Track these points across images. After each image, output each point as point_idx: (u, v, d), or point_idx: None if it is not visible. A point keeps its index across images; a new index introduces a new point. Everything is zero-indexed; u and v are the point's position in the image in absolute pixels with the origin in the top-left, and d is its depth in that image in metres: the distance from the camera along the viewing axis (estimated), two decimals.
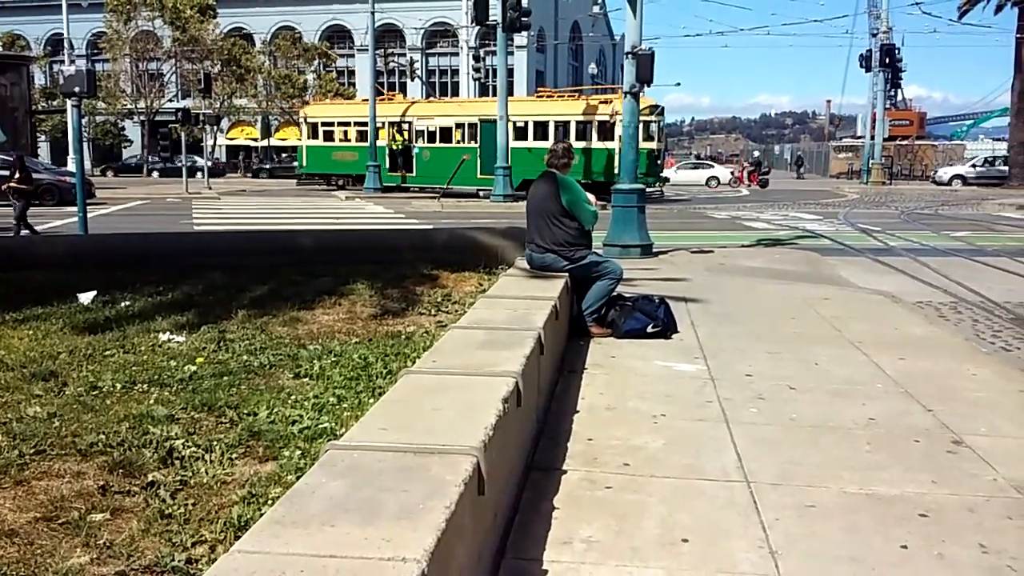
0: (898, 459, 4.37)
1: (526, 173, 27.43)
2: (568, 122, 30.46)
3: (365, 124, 34.76)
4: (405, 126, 34.52)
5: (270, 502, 3.26)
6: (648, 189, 30.26)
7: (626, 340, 7.05)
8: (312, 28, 65.62)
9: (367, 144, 34.49)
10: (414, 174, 34.26)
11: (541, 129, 30.64)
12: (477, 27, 37.67)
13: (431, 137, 34.10)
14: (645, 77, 13.30)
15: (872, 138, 48.26)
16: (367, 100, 35.64)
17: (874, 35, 48.47)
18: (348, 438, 3.03)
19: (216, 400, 4.76)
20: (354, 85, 63.09)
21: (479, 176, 31.87)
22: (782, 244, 16.55)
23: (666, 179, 33.26)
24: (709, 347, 6.89)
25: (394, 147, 34.42)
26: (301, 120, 38.86)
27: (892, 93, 61.05)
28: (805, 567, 3.22)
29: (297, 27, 64.72)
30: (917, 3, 40.14)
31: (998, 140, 61.32)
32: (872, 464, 4.30)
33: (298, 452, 3.97)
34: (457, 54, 60.94)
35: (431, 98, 37.92)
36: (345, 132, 36.55)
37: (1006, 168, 45.34)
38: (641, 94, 27.27)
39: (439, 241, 11.07)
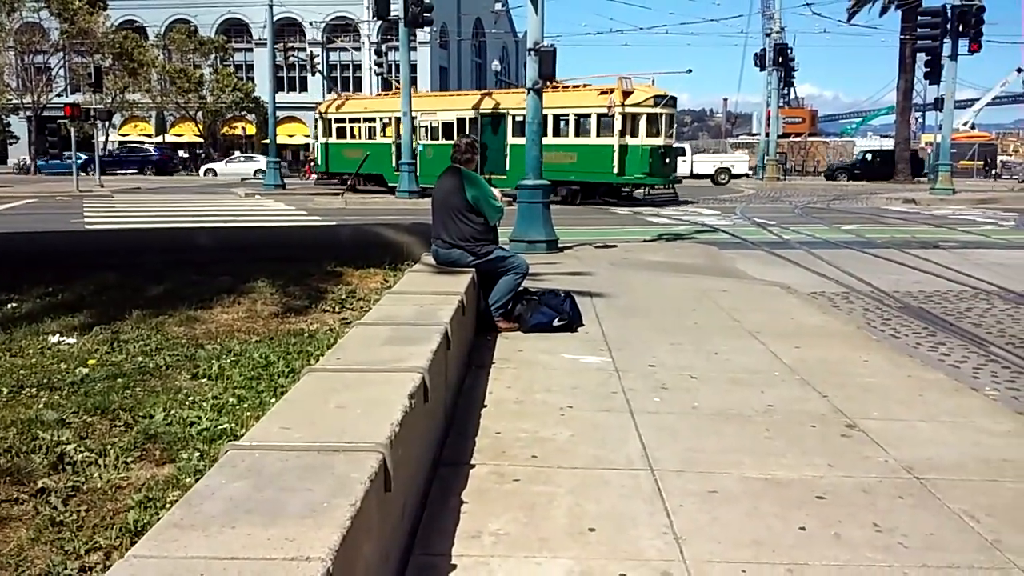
0: (796, 444, 4.51)
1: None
2: (566, 116, 27.50)
3: (373, 120, 32.73)
4: (421, 122, 31.11)
5: (168, 506, 3.16)
6: (655, 191, 28.80)
7: (533, 334, 7.08)
8: (208, 21, 63.92)
9: (375, 141, 32.21)
10: (417, 174, 31.06)
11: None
12: (379, 22, 37.28)
13: (434, 133, 31.08)
14: (548, 73, 13.39)
15: (767, 135, 49.81)
16: (384, 95, 33.73)
17: (768, 35, 50.02)
18: (249, 438, 2.95)
19: (110, 403, 4.59)
20: (252, 80, 61.74)
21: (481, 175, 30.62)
22: (682, 239, 16.89)
23: (678, 179, 29.74)
24: (614, 339, 6.98)
25: (398, 144, 30.95)
26: (317, 117, 36.40)
27: (785, 91, 63.12)
28: (708, 551, 3.28)
29: (192, 20, 62.94)
30: (808, 4, 41.77)
31: (886, 137, 63.99)
32: (771, 449, 4.43)
33: (197, 454, 3.86)
34: (359, 49, 60.17)
35: (444, 91, 35.65)
36: (355, 129, 33.72)
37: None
38: (635, 84, 24.93)
39: (343, 238, 10.93)
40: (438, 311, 5.22)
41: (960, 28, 28.92)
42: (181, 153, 62.55)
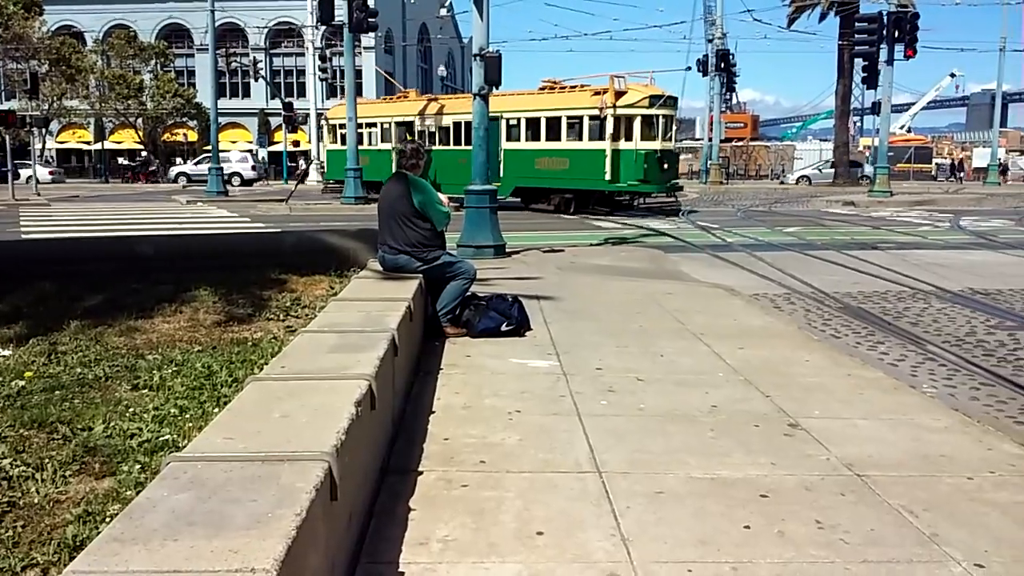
0: (740, 443, 4.57)
1: (521, 179, 26.07)
2: (558, 119, 25.45)
3: (375, 125, 31.35)
4: (415, 127, 29.89)
5: (108, 520, 3.09)
6: (653, 199, 25.46)
7: (481, 339, 7.09)
8: (148, 27, 62.88)
9: (375, 147, 30.71)
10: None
11: (532, 128, 26.23)
12: (323, 27, 37.00)
13: (433, 138, 29.44)
14: (493, 79, 13.41)
15: (710, 140, 50.48)
16: (389, 98, 32.09)
17: (710, 41, 50.69)
18: (191, 449, 2.91)
19: (47, 416, 4.48)
20: (194, 85, 60.90)
21: None
22: (628, 243, 17.04)
23: (679, 187, 26.72)
24: (561, 343, 7.01)
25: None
26: (323, 123, 35.18)
27: (728, 96, 64.10)
28: (655, 552, 3.31)
29: (132, 26, 61.85)
30: (749, 10, 42.48)
31: (825, 141, 65.30)
32: (716, 449, 4.48)
33: (138, 466, 3.78)
34: (303, 54, 59.59)
35: (443, 95, 32.26)
36: (360, 135, 31.31)
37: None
38: (629, 83, 23.59)
39: (288, 244, 10.81)
40: (385, 317, 5.19)
41: (896, 34, 29.65)
42: (121, 160, 61.38)
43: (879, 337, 8.20)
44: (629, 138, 24.02)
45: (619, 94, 24.02)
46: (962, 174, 56.20)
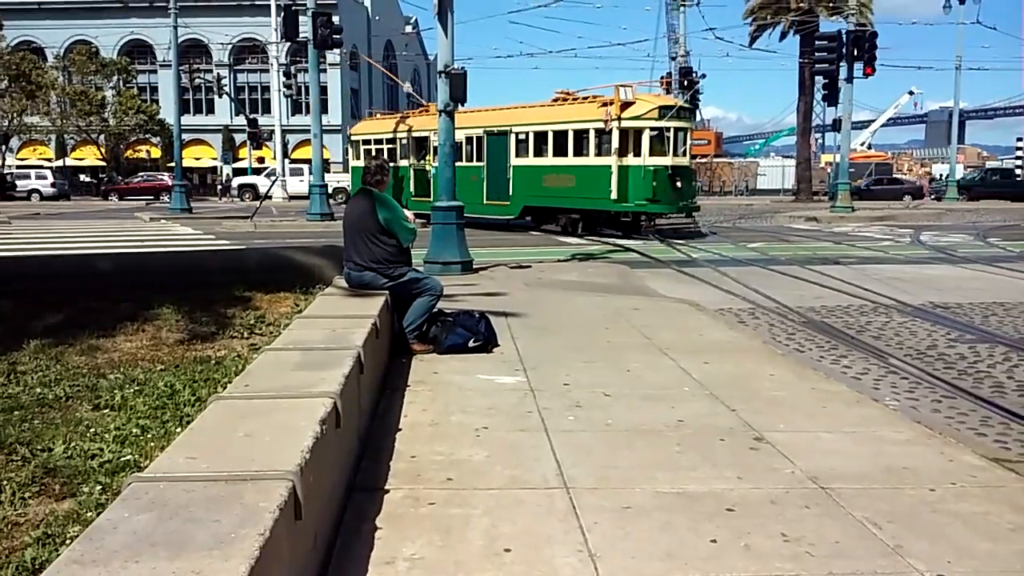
0: (706, 458, 4.59)
1: (530, 197, 24.08)
2: (565, 133, 23.09)
3: (393, 141, 29.14)
4: (431, 142, 26.81)
5: (68, 542, 3.04)
6: (666, 221, 22.56)
7: (448, 355, 7.07)
8: (110, 43, 62.41)
9: (399, 163, 28.44)
10: (431, 199, 28.23)
11: (540, 143, 23.95)
12: (287, 44, 36.88)
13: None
14: (458, 95, 13.44)
15: None
16: (409, 113, 29.89)
17: (673, 58, 51.30)
18: (153, 469, 2.87)
19: (6, 436, 4.40)
20: (157, 102, 60.36)
21: (485, 202, 25.28)
22: (595, 258, 17.10)
23: (696, 207, 23.81)
24: (529, 359, 7.01)
25: (420, 167, 27.85)
26: (348, 140, 33.47)
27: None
28: (623, 567, 3.31)
29: (94, 41, 61.34)
30: (711, 29, 42.94)
31: (787, 157, 66.13)
32: (683, 464, 4.50)
33: (99, 487, 3.72)
34: (267, 71, 59.37)
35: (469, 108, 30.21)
36: (381, 151, 29.94)
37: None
38: (637, 93, 21.60)
39: (252, 261, 10.73)
40: (350, 335, 5.16)
41: (855, 52, 30.11)
42: (83, 177, 60.67)
43: (842, 351, 8.29)
44: (637, 153, 21.62)
45: (625, 105, 21.76)
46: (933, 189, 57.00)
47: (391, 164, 27.74)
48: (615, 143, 21.61)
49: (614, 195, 21.77)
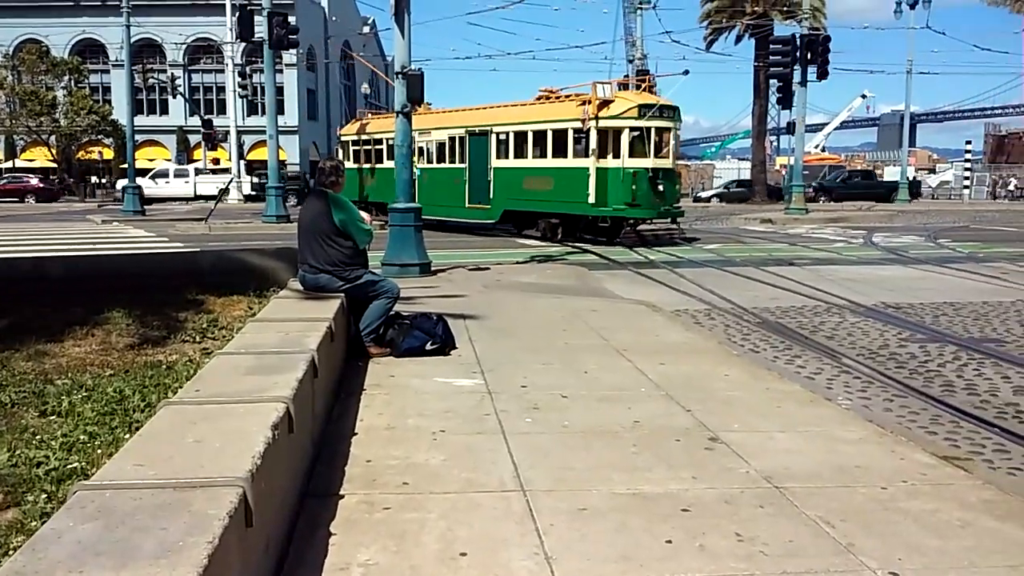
0: (662, 458, 4.61)
1: (510, 201, 22.78)
2: (544, 133, 21.76)
3: (381, 142, 27.52)
4: (416, 143, 25.67)
5: (11, 552, 2.96)
6: (648, 226, 21.99)
7: (405, 358, 7.03)
8: (61, 42, 61.26)
9: (382, 166, 27.22)
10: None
11: (520, 144, 22.58)
12: (243, 44, 36.48)
13: (429, 156, 26.07)
14: (416, 96, 13.40)
15: None
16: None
17: (631, 61, 51.46)
18: (100, 477, 2.81)
19: None
20: (110, 102, 59.37)
21: (467, 205, 24.16)
22: (553, 260, 17.13)
23: (680, 211, 22.15)
24: (487, 361, 6.99)
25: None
26: (338, 141, 32.21)
27: None
28: (578, 569, 3.31)
29: (44, 40, 60.16)
30: (668, 32, 43.28)
31: (743, 160, 66.84)
32: (639, 464, 4.51)
33: (44, 496, 3.64)
34: (223, 71, 58.71)
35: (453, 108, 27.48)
36: (368, 153, 28.99)
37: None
38: (616, 91, 20.21)
39: (205, 264, 10.58)
40: (304, 338, 5.11)
41: (809, 56, 30.53)
42: (33, 180, 59.44)
43: (796, 351, 8.39)
44: (617, 155, 20.37)
45: (604, 104, 20.62)
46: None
47: (379, 166, 27.70)
48: (592, 144, 20.50)
49: (592, 199, 20.61)
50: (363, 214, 7.42)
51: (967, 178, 56.89)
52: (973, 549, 3.55)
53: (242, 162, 49.99)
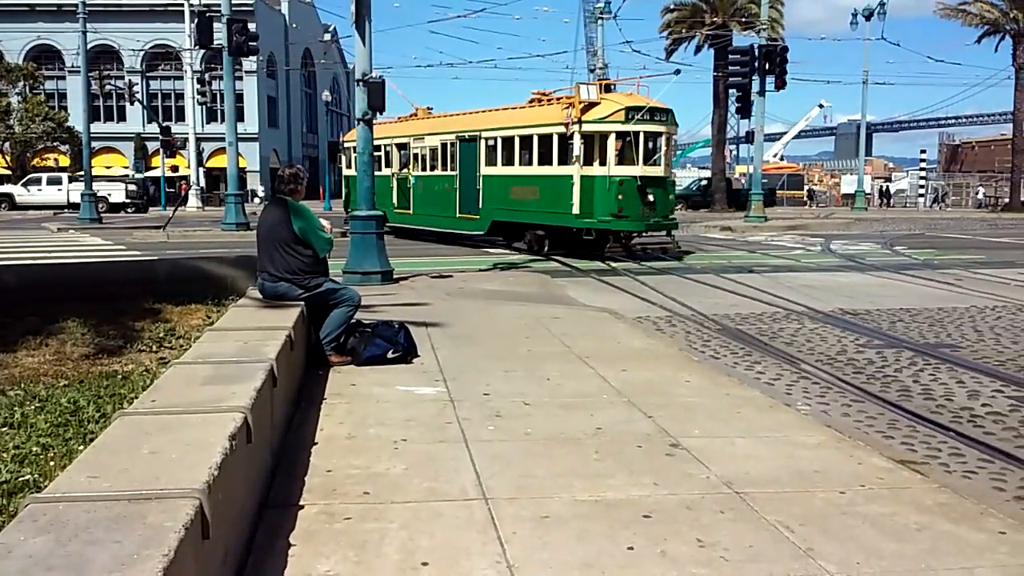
0: (623, 465, 4.62)
1: (498, 211, 21.08)
2: (530, 138, 20.24)
3: (378, 148, 24.96)
4: (411, 148, 24.72)
5: None
6: (640, 240, 19.67)
7: (367, 367, 6.98)
8: (16, 47, 60.27)
9: (376, 173, 26.48)
10: (411, 212, 24.72)
11: (508, 150, 20.97)
12: (202, 51, 36.08)
13: (423, 163, 24.22)
14: (377, 104, 13.35)
15: None
16: (403, 117, 26.31)
17: (592, 71, 51.73)
18: (52, 489, 2.75)
19: None
20: (66, 108, 58.46)
21: (458, 215, 22.54)
22: (516, 267, 17.14)
23: (674, 223, 20.23)
24: (449, 369, 6.97)
25: (401, 176, 25.07)
26: (340, 146, 30.17)
27: None
28: None
29: None
30: (628, 42, 43.47)
31: (703, 168, 67.47)
32: (600, 471, 4.52)
33: None
34: (181, 77, 58.09)
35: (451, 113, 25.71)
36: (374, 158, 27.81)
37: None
38: (602, 93, 18.93)
39: (162, 272, 10.42)
40: (263, 347, 5.05)
41: (767, 66, 30.90)
42: None
43: (756, 357, 8.46)
44: (603, 162, 18.70)
45: (589, 106, 18.90)
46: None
47: (376, 174, 25.68)
48: (576, 150, 18.85)
49: (576, 209, 18.90)
50: (324, 222, 7.37)
51: (922, 186, 57.95)
52: (930, 552, 3.60)
53: (201, 169, 49.38)
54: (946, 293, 13.33)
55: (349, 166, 27.60)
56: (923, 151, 69.45)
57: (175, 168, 54.61)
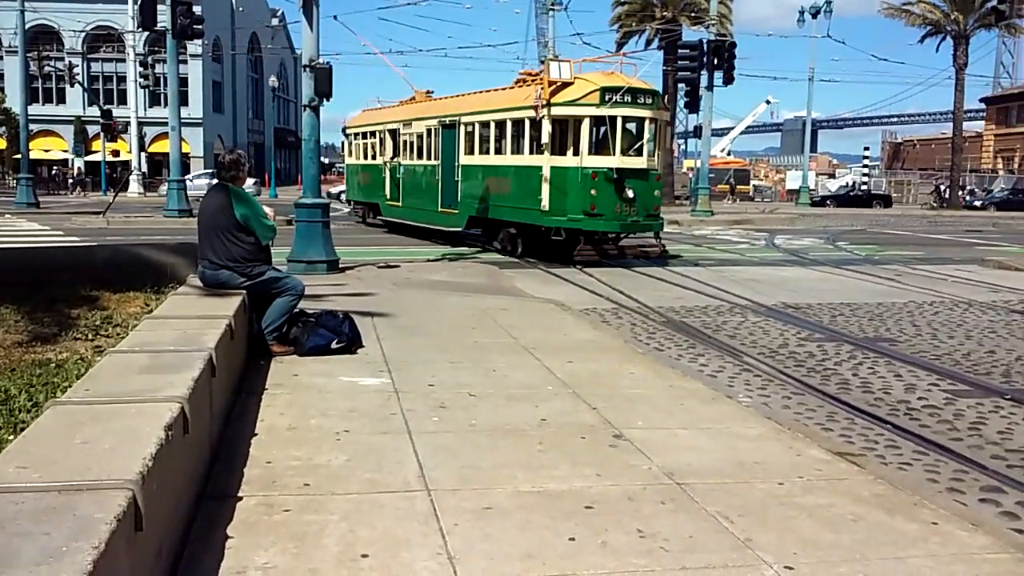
0: (567, 456, 4.63)
1: (475, 206, 18.78)
2: (504, 123, 17.76)
3: (374, 135, 24.34)
4: (400, 135, 22.61)
5: None
6: (622, 242, 17.28)
7: (310, 357, 6.90)
8: None
9: (371, 162, 24.68)
10: (400, 204, 22.76)
11: (484, 136, 18.67)
12: (145, 33, 35.27)
13: (410, 150, 22.13)
14: (324, 90, 13.19)
15: None
16: (405, 101, 24.05)
17: (542, 62, 51.75)
18: None
19: None
20: (3, 90, 56.74)
21: (440, 209, 20.19)
22: (465, 258, 17.10)
23: (659, 223, 17.47)
24: (394, 360, 6.92)
25: (393, 165, 23.15)
26: (343, 132, 28.48)
27: None
28: (481, 569, 3.29)
29: None
30: (579, 34, 43.47)
31: None
32: (544, 462, 4.52)
33: None
34: (124, 60, 56.80)
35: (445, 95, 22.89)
36: (364, 147, 25.51)
37: None
38: (575, 72, 16.40)
39: (100, 259, 10.18)
40: (202, 336, 4.95)
41: (715, 62, 31.21)
42: None
43: (700, 349, 8.55)
44: (575, 150, 16.14)
45: (560, 87, 16.31)
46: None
47: (372, 162, 24.50)
48: (544, 137, 16.27)
49: (545, 205, 16.43)
50: (267, 209, 7.25)
51: (864, 183, 59.07)
52: (864, 542, 3.67)
53: (143, 154, 48.37)
54: (886, 288, 13.61)
55: (351, 154, 26.93)
56: (866, 148, 70.76)
57: (116, 153, 53.47)
